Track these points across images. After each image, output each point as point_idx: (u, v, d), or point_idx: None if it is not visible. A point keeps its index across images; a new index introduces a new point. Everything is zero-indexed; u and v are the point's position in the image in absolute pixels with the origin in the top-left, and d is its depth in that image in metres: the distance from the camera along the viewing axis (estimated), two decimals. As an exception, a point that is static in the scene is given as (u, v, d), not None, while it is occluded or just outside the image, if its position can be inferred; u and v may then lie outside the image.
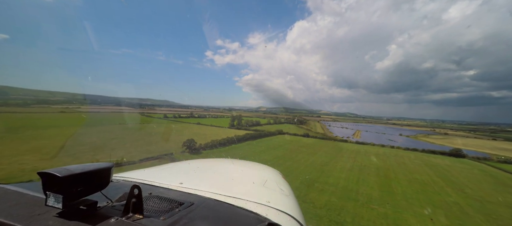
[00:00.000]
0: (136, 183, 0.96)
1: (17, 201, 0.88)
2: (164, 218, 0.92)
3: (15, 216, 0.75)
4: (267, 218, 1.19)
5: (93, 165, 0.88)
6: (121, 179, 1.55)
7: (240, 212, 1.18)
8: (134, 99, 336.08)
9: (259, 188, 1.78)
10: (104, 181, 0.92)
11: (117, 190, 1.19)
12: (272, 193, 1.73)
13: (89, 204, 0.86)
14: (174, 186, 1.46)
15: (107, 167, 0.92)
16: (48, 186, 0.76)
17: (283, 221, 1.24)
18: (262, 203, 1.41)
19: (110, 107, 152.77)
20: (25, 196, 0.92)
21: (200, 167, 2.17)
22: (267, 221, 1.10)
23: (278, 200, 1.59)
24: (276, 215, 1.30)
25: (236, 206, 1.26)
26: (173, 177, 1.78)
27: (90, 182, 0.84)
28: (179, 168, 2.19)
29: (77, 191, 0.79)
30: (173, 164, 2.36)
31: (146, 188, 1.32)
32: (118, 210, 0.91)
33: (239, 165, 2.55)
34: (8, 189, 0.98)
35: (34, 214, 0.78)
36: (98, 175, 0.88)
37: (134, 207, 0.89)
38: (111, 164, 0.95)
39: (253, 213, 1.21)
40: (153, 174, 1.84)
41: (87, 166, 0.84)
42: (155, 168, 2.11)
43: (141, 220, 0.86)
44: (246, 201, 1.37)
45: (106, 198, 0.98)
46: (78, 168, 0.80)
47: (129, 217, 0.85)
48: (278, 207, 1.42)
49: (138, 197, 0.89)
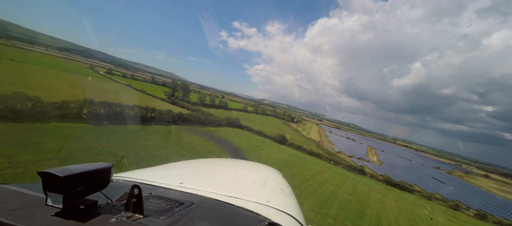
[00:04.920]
0: (136, 183, 0.95)
1: (17, 201, 0.85)
2: (164, 218, 0.92)
3: (15, 216, 0.74)
4: (267, 218, 1.19)
5: (93, 165, 0.87)
6: (121, 179, 1.52)
7: (240, 212, 1.19)
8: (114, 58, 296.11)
9: (259, 188, 1.79)
10: (104, 181, 0.91)
11: (117, 190, 1.17)
12: (272, 193, 1.74)
13: (89, 204, 0.85)
14: (174, 186, 1.44)
15: (107, 167, 0.91)
16: (48, 186, 0.75)
17: (283, 221, 1.25)
18: (262, 203, 1.40)
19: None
20: (25, 196, 0.90)
21: (200, 167, 2.19)
22: (267, 221, 1.11)
23: (278, 200, 1.59)
24: (276, 215, 1.30)
25: (236, 206, 1.26)
26: (173, 177, 1.75)
27: (90, 182, 0.84)
28: (179, 168, 2.17)
29: (77, 191, 0.78)
30: (173, 164, 2.32)
31: (146, 188, 1.31)
32: (118, 210, 0.90)
33: (239, 165, 2.59)
34: (8, 189, 0.96)
35: (34, 214, 0.77)
36: (98, 175, 0.87)
37: (134, 207, 0.88)
38: (111, 164, 0.95)
39: (253, 213, 1.21)
40: (153, 174, 1.82)
41: (87, 166, 0.84)
42: (155, 168, 2.09)
43: (141, 220, 0.85)
44: (246, 201, 1.36)
45: (106, 198, 0.97)
46: (78, 168, 0.80)
47: (129, 217, 0.85)
48: (278, 207, 1.42)
49: (138, 197, 0.88)
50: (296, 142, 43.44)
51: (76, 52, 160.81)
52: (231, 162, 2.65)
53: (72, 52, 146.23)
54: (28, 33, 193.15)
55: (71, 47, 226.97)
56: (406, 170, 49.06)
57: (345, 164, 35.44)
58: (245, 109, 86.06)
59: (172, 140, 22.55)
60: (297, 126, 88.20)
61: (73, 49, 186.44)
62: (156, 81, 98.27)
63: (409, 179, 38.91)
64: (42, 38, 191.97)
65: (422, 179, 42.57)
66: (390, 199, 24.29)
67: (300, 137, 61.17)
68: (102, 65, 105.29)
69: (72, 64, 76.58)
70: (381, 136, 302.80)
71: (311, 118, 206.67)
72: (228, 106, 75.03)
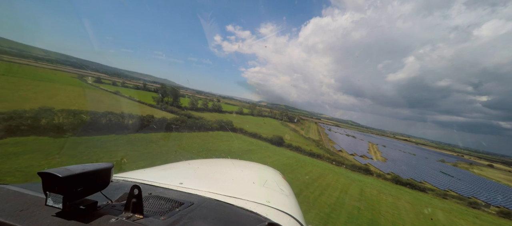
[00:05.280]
0: (136, 183, 0.95)
1: (17, 201, 0.85)
2: (164, 218, 0.92)
3: (15, 216, 0.74)
4: (267, 218, 1.18)
5: (93, 165, 0.87)
6: (121, 179, 1.51)
7: (240, 212, 1.18)
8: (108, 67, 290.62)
9: (259, 188, 1.77)
10: (104, 181, 0.91)
11: (117, 190, 1.17)
12: (272, 193, 1.72)
13: (89, 204, 0.85)
14: (174, 186, 1.44)
15: (107, 167, 0.91)
16: (48, 186, 0.75)
17: (283, 221, 1.24)
18: (262, 203, 1.40)
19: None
20: (25, 196, 0.90)
21: (200, 167, 2.18)
22: (267, 221, 1.10)
23: (278, 200, 1.58)
24: (276, 215, 1.29)
25: (236, 206, 1.26)
26: (173, 177, 1.74)
27: (90, 182, 0.84)
28: (179, 168, 2.16)
29: (77, 191, 0.78)
30: (173, 164, 2.32)
31: (146, 188, 1.31)
32: (118, 210, 0.90)
33: (239, 165, 2.54)
34: (8, 189, 0.96)
35: (34, 214, 0.77)
36: (98, 175, 0.87)
37: (134, 207, 0.88)
38: (111, 164, 0.94)
39: (253, 213, 1.21)
40: (153, 174, 1.81)
41: (87, 166, 0.84)
42: (155, 168, 2.08)
43: (141, 220, 0.85)
44: (246, 201, 1.36)
45: (106, 198, 0.97)
46: (78, 168, 0.80)
47: (129, 217, 0.85)
48: (278, 207, 1.42)
49: (138, 197, 0.88)
50: (294, 142, 40.44)
51: (68, 63, 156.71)
52: (231, 162, 2.62)
53: (63, 63, 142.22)
54: (17, 47, 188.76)
55: (63, 58, 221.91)
56: (412, 165, 46.29)
57: (349, 164, 32.49)
58: (241, 112, 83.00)
59: (138, 152, 19.13)
60: (295, 125, 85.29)
61: (64, 60, 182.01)
62: (148, 88, 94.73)
63: (418, 175, 36.06)
64: (33, 51, 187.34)
65: (431, 174, 39.77)
66: (404, 202, 21.33)
67: (298, 137, 58.25)
68: (92, 75, 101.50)
69: (57, 75, 72.97)
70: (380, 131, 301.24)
71: (310, 117, 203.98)
72: (222, 110, 71.91)
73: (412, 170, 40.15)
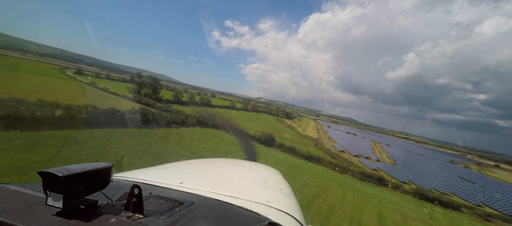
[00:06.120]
0: (136, 182, 0.95)
1: (17, 200, 0.85)
2: (164, 217, 0.92)
3: (16, 216, 0.74)
4: (267, 217, 1.19)
5: (93, 164, 0.87)
6: (121, 179, 1.52)
7: (240, 212, 1.19)
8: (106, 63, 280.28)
9: (259, 188, 1.78)
10: (104, 180, 0.91)
11: (117, 190, 1.17)
12: (272, 193, 1.72)
13: (89, 204, 0.85)
14: (174, 186, 1.44)
15: (107, 166, 0.91)
16: (48, 186, 0.75)
17: (283, 221, 1.24)
18: (262, 203, 1.41)
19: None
20: (25, 196, 0.90)
21: (200, 167, 2.18)
22: (267, 220, 1.11)
23: (278, 200, 1.58)
24: (276, 215, 1.30)
25: (236, 205, 1.26)
26: (173, 177, 1.73)
27: (90, 182, 0.84)
28: (179, 168, 2.16)
29: (77, 190, 0.78)
30: (173, 164, 2.32)
31: (146, 188, 1.30)
32: (118, 210, 0.90)
33: (239, 165, 2.55)
34: (8, 188, 0.96)
35: (34, 213, 0.77)
36: (98, 175, 0.87)
37: (134, 207, 0.87)
38: (111, 163, 0.94)
39: (253, 212, 1.21)
40: (153, 173, 1.81)
41: (87, 166, 0.83)
42: (155, 168, 2.08)
43: (141, 219, 0.85)
44: (246, 201, 1.36)
45: (106, 198, 0.97)
46: (78, 167, 0.79)
47: (129, 217, 0.84)
48: (278, 207, 1.42)
49: (138, 197, 0.88)
50: (289, 141, 33.64)
51: (60, 57, 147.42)
52: (231, 161, 2.64)
53: (57, 57, 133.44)
54: (14, 41, 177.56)
55: (57, 52, 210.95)
56: (426, 170, 39.80)
57: (355, 170, 25.82)
58: (233, 106, 75.81)
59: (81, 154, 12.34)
60: (292, 122, 78.40)
61: (58, 54, 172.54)
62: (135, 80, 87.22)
63: (438, 183, 29.59)
64: (29, 45, 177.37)
65: (451, 181, 33.33)
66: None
67: (295, 135, 51.50)
68: (85, 68, 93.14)
69: (37, 66, 65.18)
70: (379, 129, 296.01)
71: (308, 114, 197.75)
72: (210, 103, 64.76)
73: (430, 177, 33.67)
